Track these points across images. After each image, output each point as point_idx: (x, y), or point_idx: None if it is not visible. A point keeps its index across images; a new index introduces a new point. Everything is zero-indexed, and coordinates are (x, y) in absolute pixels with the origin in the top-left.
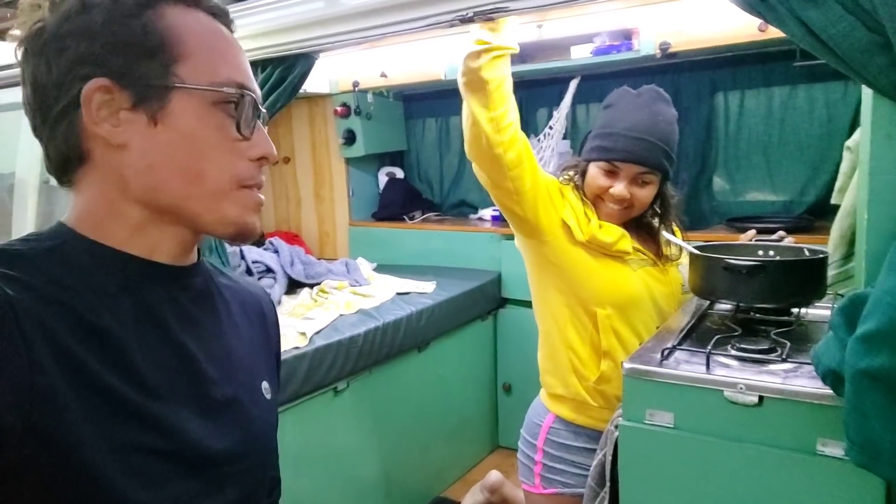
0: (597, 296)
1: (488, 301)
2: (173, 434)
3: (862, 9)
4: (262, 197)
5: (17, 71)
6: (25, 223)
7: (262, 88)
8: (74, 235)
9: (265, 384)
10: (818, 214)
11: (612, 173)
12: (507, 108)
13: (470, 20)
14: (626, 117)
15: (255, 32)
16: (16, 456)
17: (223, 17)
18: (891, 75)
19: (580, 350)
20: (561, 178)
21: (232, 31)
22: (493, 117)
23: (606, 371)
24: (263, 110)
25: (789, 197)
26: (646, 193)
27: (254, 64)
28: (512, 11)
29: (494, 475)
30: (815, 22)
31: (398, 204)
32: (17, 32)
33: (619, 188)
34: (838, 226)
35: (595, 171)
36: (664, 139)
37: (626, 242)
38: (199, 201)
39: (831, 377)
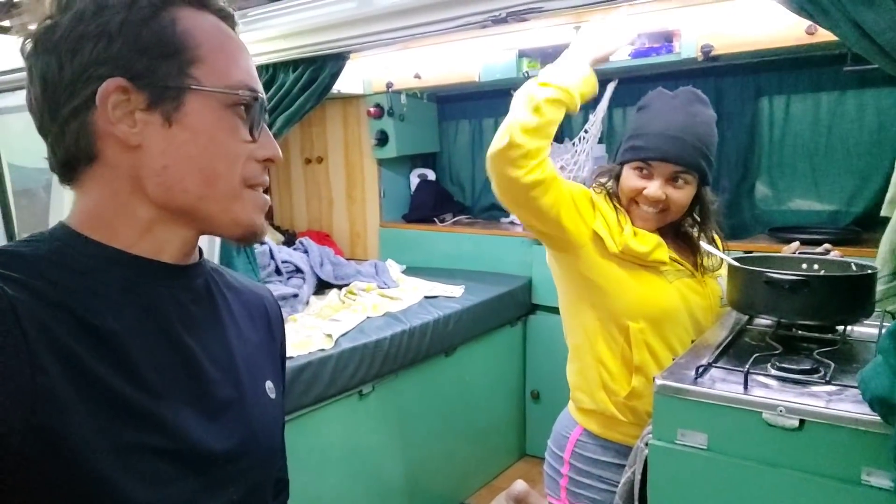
0: (629, 309)
1: (518, 307)
2: (175, 434)
3: None
4: (268, 198)
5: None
6: (62, 218)
7: (292, 89)
8: (77, 236)
9: (269, 383)
10: (866, 226)
11: (646, 174)
12: (547, 145)
13: (503, 21)
14: (660, 117)
15: (286, 32)
16: (18, 457)
17: (230, 20)
18: None
19: (611, 365)
20: (594, 186)
21: (237, 34)
22: (529, 146)
23: (638, 387)
24: (266, 114)
25: (836, 207)
26: (682, 195)
27: (285, 64)
28: (546, 12)
29: (520, 485)
30: (871, 24)
31: (429, 206)
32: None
33: (653, 188)
34: (888, 239)
35: (628, 173)
36: (701, 139)
37: (663, 252)
38: (214, 202)
39: (879, 404)
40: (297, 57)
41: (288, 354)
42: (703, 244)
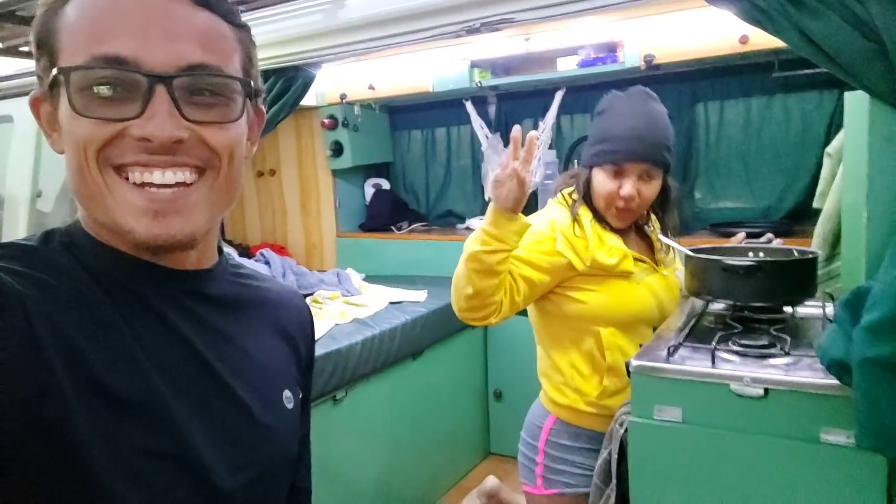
0: (600, 318)
1: None
2: (178, 442)
3: (860, 20)
4: (165, 196)
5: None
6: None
7: (265, 99)
8: (86, 235)
9: (287, 392)
10: (796, 219)
11: (618, 174)
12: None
13: (477, 31)
14: (623, 119)
15: (259, 43)
16: (20, 454)
17: None
18: (888, 81)
19: (582, 368)
20: (563, 195)
21: None
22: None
23: (609, 386)
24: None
25: (768, 203)
26: (652, 189)
27: None
28: (517, 22)
29: (491, 480)
30: (816, 33)
31: (385, 215)
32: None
33: (627, 188)
34: (821, 229)
35: (602, 177)
36: (663, 134)
37: (628, 262)
38: (92, 202)
39: (836, 367)
40: (269, 67)
41: None
42: (662, 237)
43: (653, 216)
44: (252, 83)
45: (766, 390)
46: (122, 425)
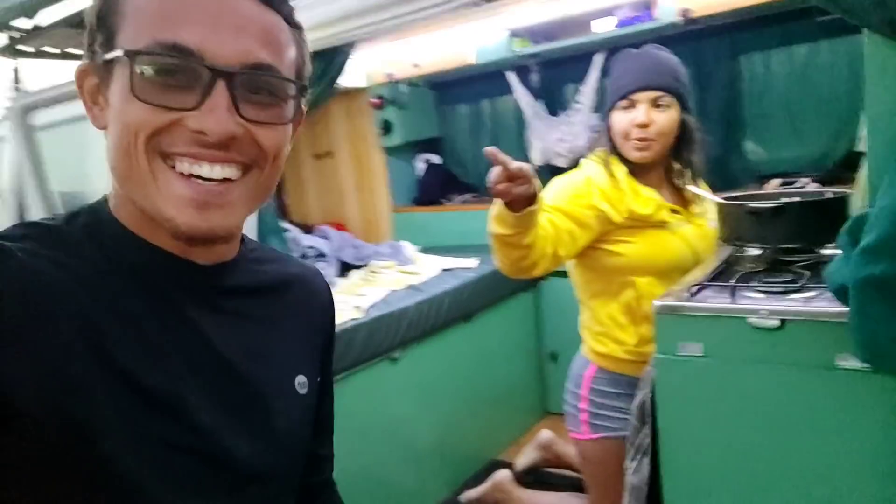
0: (637, 268)
1: None
2: (195, 429)
3: None
4: (211, 191)
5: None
6: None
7: None
8: (111, 220)
9: (300, 378)
10: (849, 167)
11: (630, 107)
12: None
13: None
14: (630, 65)
15: None
16: (42, 442)
17: None
18: (879, 12)
19: (619, 318)
20: (593, 155)
21: None
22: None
23: (646, 334)
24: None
25: (819, 152)
26: (666, 118)
27: None
28: None
29: (546, 433)
30: None
31: (437, 188)
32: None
33: (639, 114)
34: (865, 172)
35: (617, 116)
36: (670, 67)
37: (663, 212)
38: (136, 186)
39: (841, 291)
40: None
41: None
42: (690, 187)
43: (685, 170)
44: (305, 85)
45: (783, 321)
46: (147, 416)
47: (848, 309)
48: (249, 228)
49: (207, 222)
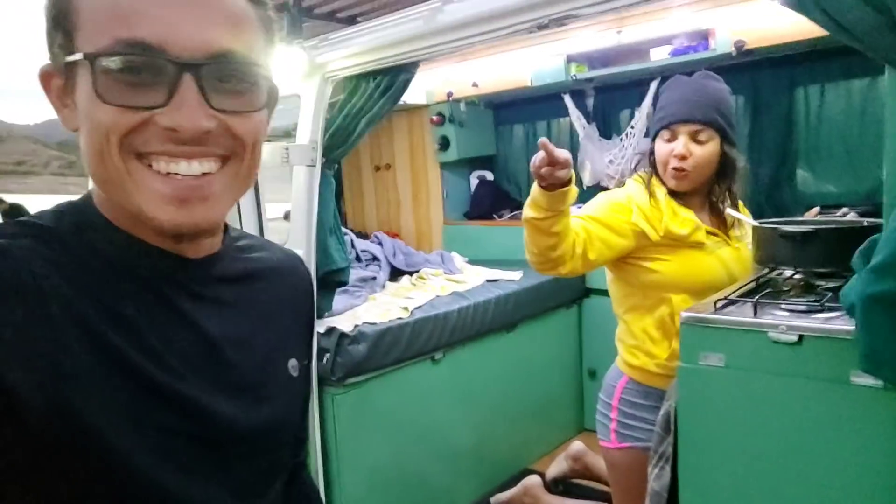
0: (673, 286)
1: (573, 290)
2: (198, 413)
3: None
4: (189, 186)
5: None
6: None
7: (373, 94)
8: (98, 215)
9: (293, 362)
10: None
11: (671, 138)
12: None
13: (545, 26)
14: (676, 95)
15: (366, 48)
16: (44, 438)
17: None
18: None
19: (653, 333)
20: (637, 175)
21: None
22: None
23: (678, 349)
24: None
25: (870, 186)
26: (704, 151)
27: (366, 75)
28: (582, 16)
29: (578, 444)
30: (833, 10)
31: (488, 204)
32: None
33: (678, 146)
34: None
35: (659, 143)
36: (714, 99)
37: (700, 233)
38: (112, 187)
39: (853, 309)
40: (377, 68)
41: (371, 320)
42: (729, 210)
43: (727, 194)
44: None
45: (801, 337)
46: (146, 405)
47: None
48: (308, 227)
49: (191, 217)
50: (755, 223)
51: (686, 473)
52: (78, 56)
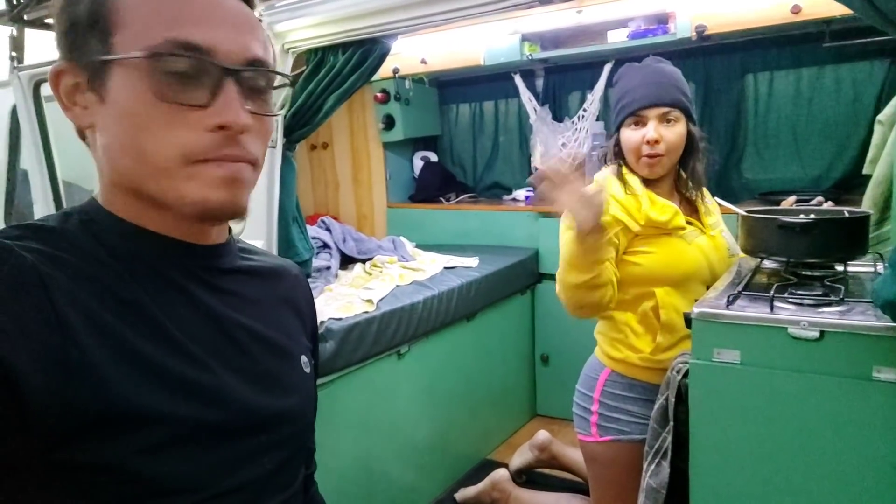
0: (656, 278)
1: (527, 276)
2: (224, 401)
3: None
4: (238, 168)
5: None
6: None
7: (343, 69)
8: (102, 210)
9: (304, 358)
10: (845, 189)
11: (639, 123)
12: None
13: (549, 1)
14: (634, 79)
15: (335, 18)
16: (56, 432)
17: None
18: None
19: (636, 327)
20: (608, 165)
21: None
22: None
23: (662, 343)
24: (230, 69)
25: (817, 172)
26: (674, 133)
27: (334, 47)
28: None
29: (543, 434)
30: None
31: (434, 186)
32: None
33: (649, 131)
34: (871, 194)
35: (626, 132)
36: (675, 79)
37: (680, 218)
38: (153, 180)
39: (890, 308)
40: (347, 40)
41: (334, 315)
42: (718, 200)
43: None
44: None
45: (822, 332)
46: (164, 392)
47: (886, 324)
48: (269, 215)
49: (236, 197)
50: (746, 214)
51: (697, 471)
52: (137, 53)
